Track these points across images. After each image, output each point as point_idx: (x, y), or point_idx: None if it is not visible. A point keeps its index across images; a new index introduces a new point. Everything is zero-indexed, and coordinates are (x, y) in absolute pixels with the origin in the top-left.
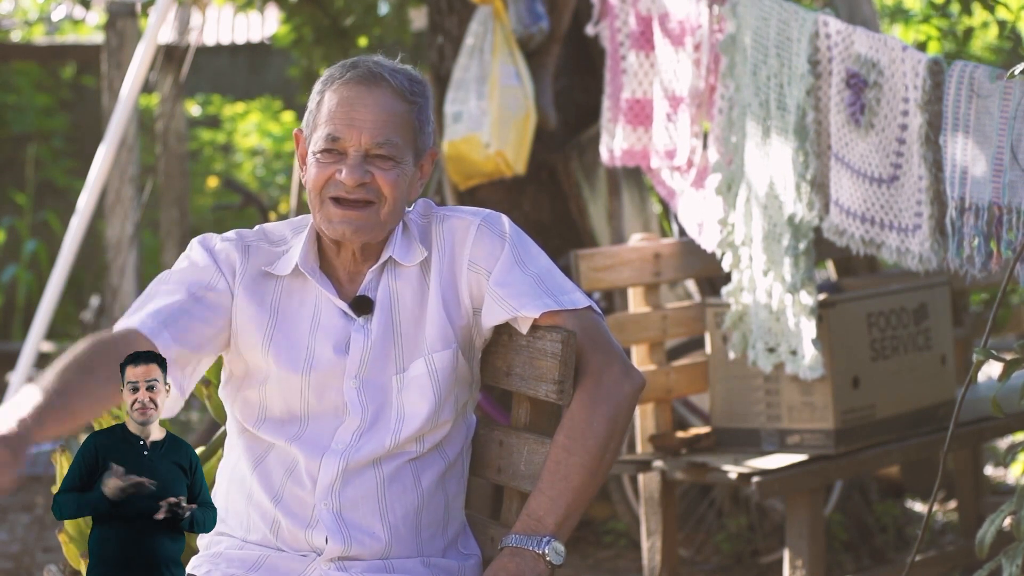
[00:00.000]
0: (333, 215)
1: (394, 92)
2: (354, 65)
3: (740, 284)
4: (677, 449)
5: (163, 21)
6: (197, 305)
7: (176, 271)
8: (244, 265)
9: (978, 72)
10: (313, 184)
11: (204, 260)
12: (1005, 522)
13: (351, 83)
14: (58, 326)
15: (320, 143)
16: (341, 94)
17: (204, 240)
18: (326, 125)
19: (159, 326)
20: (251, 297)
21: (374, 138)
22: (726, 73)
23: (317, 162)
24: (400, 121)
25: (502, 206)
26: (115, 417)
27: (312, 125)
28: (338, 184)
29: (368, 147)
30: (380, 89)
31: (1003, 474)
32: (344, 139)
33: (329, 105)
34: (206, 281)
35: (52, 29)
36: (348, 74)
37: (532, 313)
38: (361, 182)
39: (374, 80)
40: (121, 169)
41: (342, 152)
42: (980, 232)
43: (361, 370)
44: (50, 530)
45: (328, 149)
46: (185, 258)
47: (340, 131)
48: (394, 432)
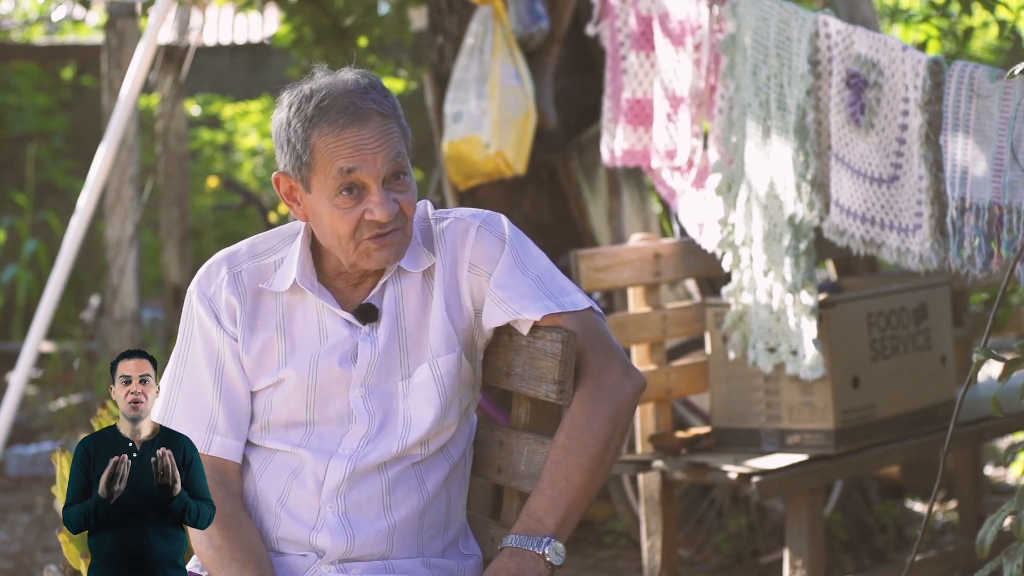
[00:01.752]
0: (370, 250)
1: (381, 115)
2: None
3: (740, 284)
4: (677, 449)
5: (163, 21)
6: (227, 380)
7: (194, 350)
8: (242, 303)
9: (978, 72)
10: (344, 230)
11: (209, 321)
12: (1005, 522)
13: (340, 124)
14: (58, 326)
15: (334, 182)
16: (337, 135)
17: (200, 290)
18: (332, 163)
19: (234, 440)
20: (255, 330)
21: (387, 157)
22: (726, 73)
23: (337, 208)
24: (396, 135)
25: (502, 206)
26: (115, 417)
27: (308, 170)
28: (371, 224)
29: (386, 172)
30: (372, 118)
31: (1003, 474)
32: (359, 168)
33: (328, 148)
34: (217, 350)
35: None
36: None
37: (533, 316)
38: (394, 214)
39: (365, 115)
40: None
41: (361, 187)
42: (981, 232)
43: (368, 378)
44: (50, 530)
45: (346, 188)
46: (192, 315)
47: (353, 162)
48: (401, 438)
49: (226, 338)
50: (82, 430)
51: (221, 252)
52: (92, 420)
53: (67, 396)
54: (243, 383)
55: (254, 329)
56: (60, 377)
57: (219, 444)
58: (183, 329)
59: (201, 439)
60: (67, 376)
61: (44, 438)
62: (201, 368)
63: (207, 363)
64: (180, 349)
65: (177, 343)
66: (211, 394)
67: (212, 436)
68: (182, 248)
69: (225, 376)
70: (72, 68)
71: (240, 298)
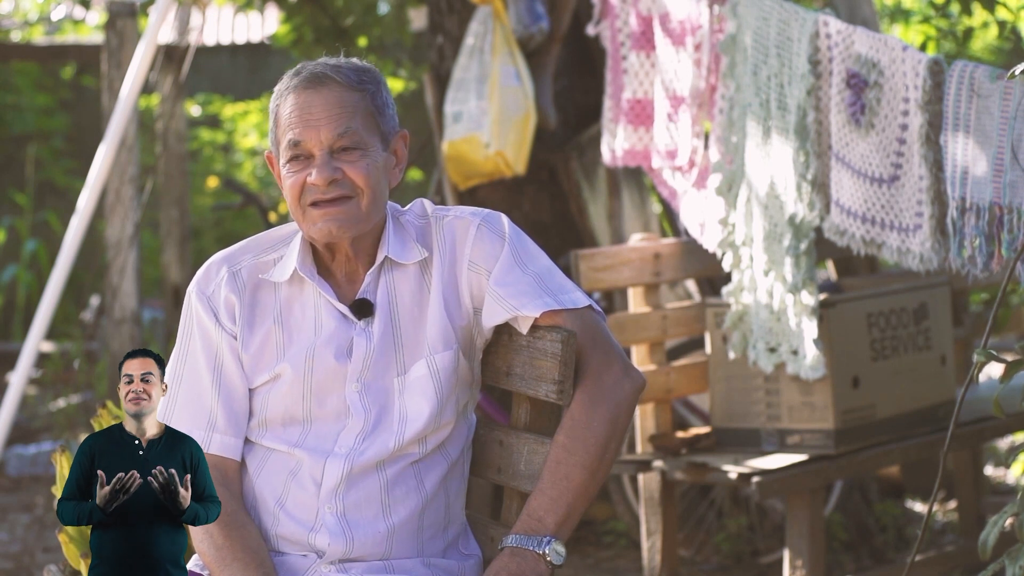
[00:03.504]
0: (315, 218)
1: (341, 85)
2: (297, 72)
3: (740, 284)
4: (677, 449)
5: (163, 21)
6: (225, 378)
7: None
8: (241, 299)
9: (978, 72)
10: (291, 196)
11: (208, 320)
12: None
13: (298, 89)
14: (58, 326)
15: (285, 153)
16: (291, 102)
17: (199, 289)
18: (285, 134)
19: (233, 439)
20: (254, 325)
21: (334, 130)
22: (727, 73)
23: (288, 174)
24: (354, 109)
25: (502, 206)
26: (115, 417)
27: (275, 141)
28: (312, 188)
29: (330, 141)
30: (327, 87)
31: (1003, 474)
32: (304, 140)
33: (283, 116)
34: (216, 348)
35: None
36: (294, 81)
37: (532, 313)
38: (332, 179)
39: (319, 80)
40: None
41: (308, 155)
42: (981, 232)
43: (363, 374)
44: (50, 530)
45: (294, 156)
46: (192, 315)
47: (299, 134)
48: (397, 434)
49: (225, 336)
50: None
51: (220, 252)
52: (92, 420)
53: (67, 396)
54: (242, 381)
55: (253, 325)
56: (60, 377)
57: (219, 442)
58: (183, 328)
59: (201, 437)
60: (67, 376)
61: (44, 438)
62: (200, 366)
63: (206, 361)
64: (180, 348)
65: (177, 342)
66: (210, 392)
67: (212, 434)
68: (182, 248)
69: (224, 374)
70: (72, 68)
71: (239, 295)
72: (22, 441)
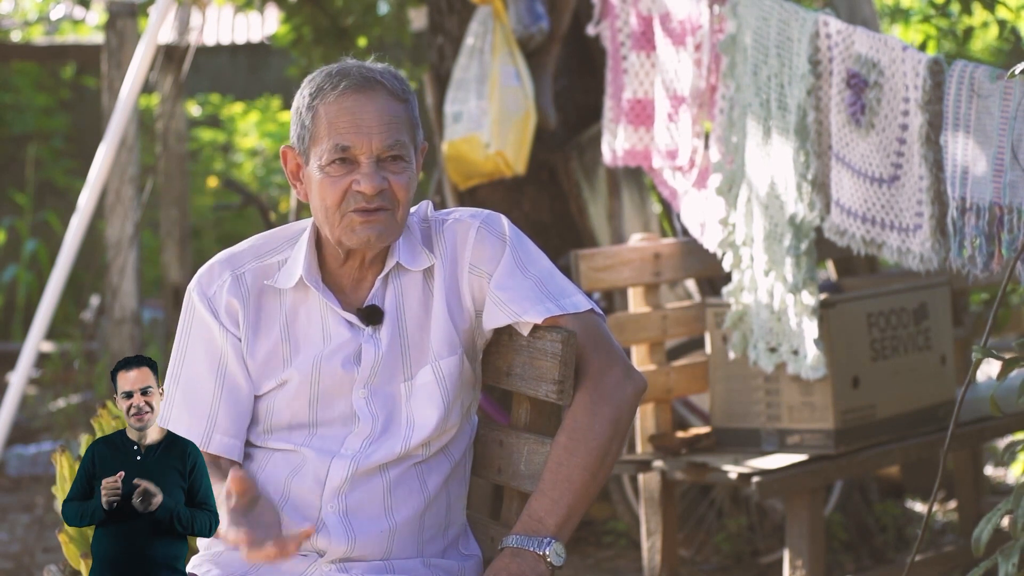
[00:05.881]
0: (355, 224)
1: (390, 93)
2: (344, 74)
3: (741, 284)
4: (677, 449)
5: (163, 21)
6: (228, 379)
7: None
8: (245, 306)
9: (978, 72)
10: (330, 198)
11: (210, 319)
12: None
13: (349, 92)
14: (58, 326)
15: (328, 155)
16: (341, 104)
17: (202, 288)
18: (331, 137)
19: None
20: (259, 332)
21: (384, 141)
22: (727, 73)
23: (327, 176)
24: (402, 121)
25: (502, 206)
26: (115, 417)
27: (309, 140)
28: (357, 195)
29: (380, 151)
30: (378, 93)
31: (1003, 474)
32: (354, 147)
33: (329, 117)
34: (219, 349)
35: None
36: (343, 83)
37: (534, 318)
38: (380, 189)
39: (370, 85)
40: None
41: (353, 161)
42: (982, 232)
43: (371, 380)
44: (50, 530)
45: (339, 160)
46: (192, 315)
47: (349, 139)
48: (404, 439)
49: (229, 336)
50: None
51: (223, 252)
52: (92, 420)
53: (67, 396)
54: (246, 382)
55: (258, 332)
56: (60, 377)
57: (218, 442)
58: (182, 327)
59: (200, 436)
60: (67, 376)
61: (44, 438)
62: (201, 366)
63: (208, 361)
64: (179, 348)
65: (176, 342)
66: (212, 392)
67: (212, 434)
68: (182, 248)
69: (227, 375)
70: (72, 68)
71: (243, 301)
72: (22, 441)
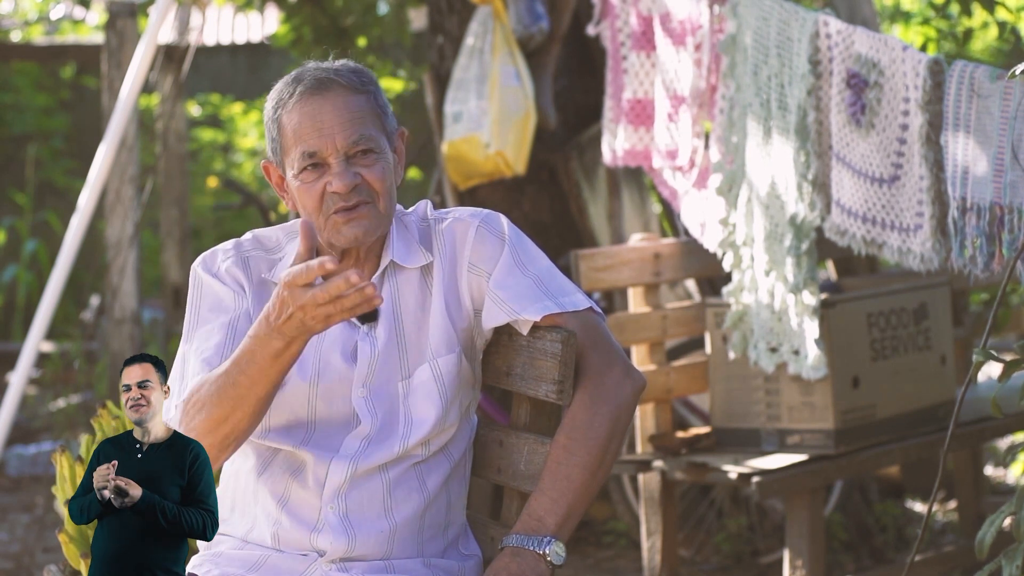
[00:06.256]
0: (339, 225)
1: (347, 89)
2: (299, 79)
3: (741, 284)
4: (677, 449)
5: (163, 21)
6: (239, 334)
7: (205, 310)
8: (248, 280)
9: (979, 72)
10: (310, 205)
11: (219, 286)
12: (1005, 523)
13: (305, 96)
14: (58, 326)
15: (298, 163)
16: (300, 110)
17: (206, 265)
18: (297, 145)
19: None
20: (258, 311)
21: (349, 138)
22: (727, 73)
23: (303, 184)
24: (363, 112)
25: (502, 206)
26: (115, 417)
27: (281, 151)
28: (333, 196)
29: (346, 148)
30: (334, 91)
31: (1003, 474)
32: (320, 150)
33: (291, 126)
34: (231, 314)
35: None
36: (298, 89)
37: (533, 316)
38: (353, 185)
39: (325, 86)
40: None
41: (323, 164)
42: (982, 232)
43: (369, 378)
44: (50, 530)
45: (309, 166)
46: (201, 290)
47: (313, 144)
48: (403, 438)
49: (240, 298)
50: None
51: (226, 242)
52: (92, 420)
53: (67, 396)
54: None
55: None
56: (60, 377)
57: None
58: (190, 306)
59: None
60: (67, 376)
61: (44, 438)
62: (213, 334)
63: (219, 327)
64: (188, 326)
65: (185, 322)
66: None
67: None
68: (182, 248)
69: (238, 331)
70: (72, 68)
71: (247, 277)
72: (22, 441)
